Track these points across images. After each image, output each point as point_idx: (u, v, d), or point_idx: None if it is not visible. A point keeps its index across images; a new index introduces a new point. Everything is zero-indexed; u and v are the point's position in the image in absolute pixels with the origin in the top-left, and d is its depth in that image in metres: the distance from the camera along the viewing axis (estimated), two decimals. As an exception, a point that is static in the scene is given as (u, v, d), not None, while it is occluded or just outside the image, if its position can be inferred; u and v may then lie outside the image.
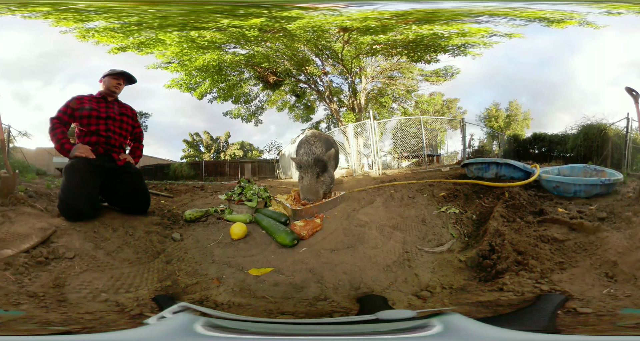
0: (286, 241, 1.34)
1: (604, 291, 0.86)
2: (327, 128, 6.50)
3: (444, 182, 2.37)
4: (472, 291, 1.00)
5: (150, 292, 0.98)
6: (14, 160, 3.90)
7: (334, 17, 3.11)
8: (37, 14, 2.69)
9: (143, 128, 2.05)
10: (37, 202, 1.70)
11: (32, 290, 0.89)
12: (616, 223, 1.28)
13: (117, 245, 1.28)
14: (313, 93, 6.11)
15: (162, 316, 0.75)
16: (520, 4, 2.65)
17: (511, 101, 6.97)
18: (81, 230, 1.31)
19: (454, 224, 1.61)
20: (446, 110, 7.41)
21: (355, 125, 5.25)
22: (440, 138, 6.10)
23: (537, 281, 0.95)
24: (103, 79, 1.83)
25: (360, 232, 1.46)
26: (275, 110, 6.40)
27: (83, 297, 0.90)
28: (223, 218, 1.73)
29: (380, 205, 1.93)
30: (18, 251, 1.05)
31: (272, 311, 0.90)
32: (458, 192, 2.10)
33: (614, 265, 0.97)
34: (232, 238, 1.44)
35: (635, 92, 1.94)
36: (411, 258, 1.26)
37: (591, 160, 3.80)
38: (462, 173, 2.82)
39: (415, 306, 0.94)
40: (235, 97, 5.93)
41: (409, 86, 5.80)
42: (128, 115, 1.83)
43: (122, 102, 1.88)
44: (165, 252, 1.32)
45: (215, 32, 3.56)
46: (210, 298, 0.96)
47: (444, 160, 5.61)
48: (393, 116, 6.04)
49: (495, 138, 6.25)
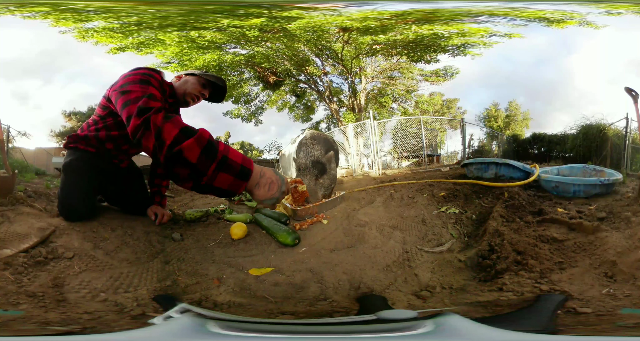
0: (288, 240, 1.34)
1: (603, 291, 0.86)
2: (327, 129, 6.51)
3: (443, 182, 2.37)
4: (471, 291, 1.00)
5: (149, 292, 0.98)
6: (13, 160, 3.90)
7: (334, 17, 3.12)
8: (36, 14, 2.69)
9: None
10: (36, 202, 1.69)
11: (31, 289, 0.88)
12: (615, 223, 1.29)
13: (116, 244, 1.28)
14: (313, 93, 6.11)
15: (168, 316, 0.74)
16: (520, 4, 2.65)
17: (510, 101, 6.97)
18: (80, 230, 1.31)
19: (453, 224, 1.61)
20: (446, 110, 7.41)
21: (355, 125, 5.25)
22: (440, 138, 6.10)
23: (536, 281, 0.95)
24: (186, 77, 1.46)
25: (360, 231, 1.46)
26: (276, 110, 6.41)
27: (82, 297, 0.90)
28: (223, 218, 1.73)
29: (380, 205, 1.93)
30: (17, 251, 1.05)
31: (272, 311, 0.90)
32: (458, 192, 2.10)
33: (613, 264, 0.97)
34: (232, 238, 1.44)
35: (634, 92, 1.94)
36: (411, 258, 1.26)
37: (590, 160, 3.81)
38: (461, 173, 2.82)
39: (415, 306, 0.94)
40: (236, 97, 5.93)
41: (408, 86, 5.81)
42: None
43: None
44: (164, 252, 1.32)
45: (216, 32, 3.56)
46: (210, 298, 0.96)
47: (444, 160, 5.61)
48: (393, 116, 6.04)
49: (495, 138, 6.25)
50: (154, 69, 1.29)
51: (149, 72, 1.24)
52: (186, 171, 0.84)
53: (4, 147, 1.91)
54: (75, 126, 5.77)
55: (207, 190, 0.89)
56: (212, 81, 1.51)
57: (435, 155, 5.58)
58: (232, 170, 0.87)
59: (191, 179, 0.86)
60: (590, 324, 0.71)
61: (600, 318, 0.72)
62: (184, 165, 0.84)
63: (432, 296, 1.00)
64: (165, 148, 0.84)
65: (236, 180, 0.88)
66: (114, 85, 1.24)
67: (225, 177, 0.87)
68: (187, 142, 0.83)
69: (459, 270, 1.18)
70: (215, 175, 0.86)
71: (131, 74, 1.23)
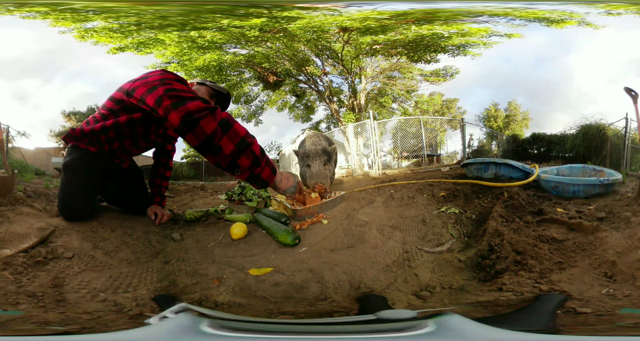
0: (288, 240, 1.34)
1: (603, 291, 0.86)
2: (327, 129, 6.51)
3: (443, 182, 2.37)
4: (471, 291, 1.00)
5: (149, 292, 0.98)
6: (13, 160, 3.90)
7: (334, 17, 3.12)
8: (36, 14, 2.69)
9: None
10: (35, 202, 1.69)
11: (30, 289, 0.88)
12: (615, 223, 1.29)
13: (115, 244, 1.28)
14: (313, 93, 6.12)
15: (164, 316, 0.74)
16: (520, 4, 2.65)
17: (510, 101, 6.98)
18: (80, 230, 1.31)
19: (453, 224, 1.61)
20: (446, 110, 7.41)
21: (355, 125, 5.26)
22: (440, 138, 6.10)
23: (536, 281, 0.95)
24: (198, 86, 1.53)
25: (360, 231, 1.46)
26: (276, 110, 6.41)
27: (82, 297, 0.90)
28: (223, 218, 1.73)
29: (380, 205, 1.93)
30: (17, 251, 1.05)
31: (272, 311, 0.90)
32: (458, 192, 2.10)
33: (612, 264, 0.97)
34: (232, 238, 1.44)
35: (634, 92, 1.94)
36: (411, 258, 1.27)
37: (590, 160, 3.81)
38: (461, 173, 2.82)
39: (415, 306, 0.94)
40: (236, 97, 5.93)
41: (408, 86, 5.81)
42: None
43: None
44: (164, 252, 1.32)
45: (216, 32, 3.56)
46: (210, 298, 0.96)
47: (444, 160, 5.61)
48: (393, 116, 6.05)
49: (495, 138, 6.26)
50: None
51: (178, 77, 1.25)
52: (248, 162, 1.09)
53: (4, 147, 1.91)
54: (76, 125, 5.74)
55: (255, 179, 1.16)
56: (219, 91, 1.61)
57: (435, 155, 5.58)
58: (271, 165, 1.18)
59: (249, 170, 1.11)
60: (589, 324, 0.71)
61: (599, 318, 0.72)
62: (249, 156, 1.09)
63: (432, 296, 1.00)
64: (240, 138, 1.07)
65: (271, 174, 1.19)
66: (136, 81, 1.22)
67: (268, 170, 1.17)
68: (254, 139, 1.12)
69: (458, 270, 1.18)
70: (264, 167, 1.15)
71: (164, 72, 1.22)
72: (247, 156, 1.08)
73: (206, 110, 1.02)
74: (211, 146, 1.03)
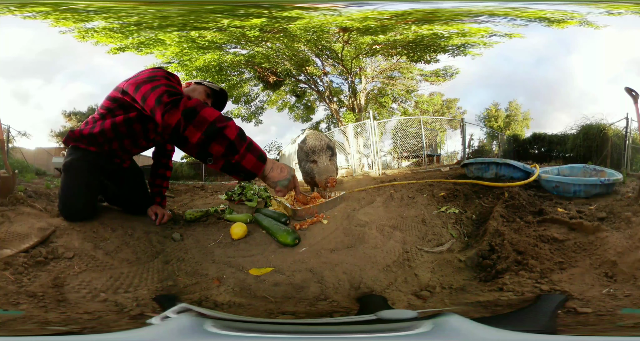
0: (288, 240, 1.34)
1: (603, 291, 0.86)
2: (327, 129, 6.51)
3: (443, 182, 2.37)
4: (472, 291, 1.00)
5: (150, 292, 0.98)
6: (14, 160, 3.90)
7: (334, 17, 3.12)
8: (37, 14, 2.69)
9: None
10: (36, 202, 1.69)
11: (31, 289, 0.88)
12: (616, 223, 1.28)
13: (116, 245, 1.28)
14: (313, 93, 6.12)
15: (165, 316, 0.74)
16: (520, 4, 2.65)
17: (511, 101, 6.98)
18: (80, 230, 1.31)
19: (453, 224, 1.61)
20: (446, 110, 7.41)
21: (355, 125, 5.26)
22: (440, 138, 6.10)
23: (537, 281, 0.95)
24: (195, 86, 1.53)
25: (360, 231, 1.46)
26: (276, 110, 6.42)
27: (82, 297, 0.90)
28: (223, 218, 1.73)
29: (380, 205, 1.93)
30: (17, 251, 1.05)
31: (272, 311, 0.90)
32: (458, 192, 2.10)
33: (613, 264, 0.97)
34: (232, 238, 1.44)
35: (634, 92, 1.94)
36: (411, 258, 1.26)
37: (591, 160, 3.81)
38: (461, 173, 2.82)
39: (415, 306, 0.94)
40: (236, 97, 5.93)
41: (408, 86, 5.81)
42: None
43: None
44: (164, 252, 1.32)
45: (216, 32, 3.56)
46: (210, 298, 0.96)
47: (444, 160, 5.61)
48: (393, 116, 6.05)
49: (495, 138, 6.25)
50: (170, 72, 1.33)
51: (168, 74, 1.29)
52: (221, 149, 0.96)
53: (4, 147, 1.91)
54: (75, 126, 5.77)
55: (234, 169, 1.00)
56: (216, 91, 1.60)
57: (435, 155, 5.58)
58: (256, 152, 1.02)
59: (224, 158, 0.97)
60: (590, 324, 0.71)
61: (600, 318, 0.72)
62: (221, 142, 0.96)
63: (432, 296, 1.00)
64: (207, 124, 0.95)
65: (258, 162, 1.02)
66: (130, 79, 1.27)
67: (251, 157, 1.01)
68: (229, 122, 0.98)
69: (459, 270, 1.18)
70: (244, 154, 0.99)
71: (155, 70, 1.26)
72: (218, 142, 0.95)
73: (169, 104, 0.98)
74: (178, 138, 0.97)
